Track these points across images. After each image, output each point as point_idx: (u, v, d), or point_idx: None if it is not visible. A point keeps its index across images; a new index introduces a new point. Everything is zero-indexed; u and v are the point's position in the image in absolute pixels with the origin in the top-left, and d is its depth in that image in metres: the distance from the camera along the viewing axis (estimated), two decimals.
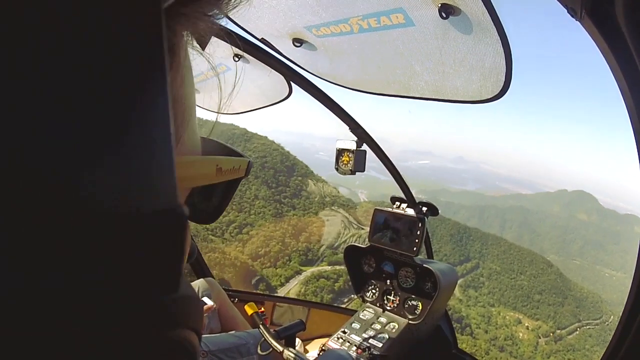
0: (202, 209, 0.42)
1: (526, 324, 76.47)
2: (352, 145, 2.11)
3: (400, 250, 2.44)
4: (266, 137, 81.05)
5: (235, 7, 0.35)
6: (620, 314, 1.18)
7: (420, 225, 2.36)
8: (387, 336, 2.32)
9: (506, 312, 76.97)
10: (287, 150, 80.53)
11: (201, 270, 2.89)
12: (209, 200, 0.41)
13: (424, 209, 2.44)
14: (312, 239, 69.79)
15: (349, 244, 2.78)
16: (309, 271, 63.45)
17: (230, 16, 1.45)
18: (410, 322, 2.39)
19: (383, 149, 2.26)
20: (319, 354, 2.25)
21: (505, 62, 1.18)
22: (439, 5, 1.05)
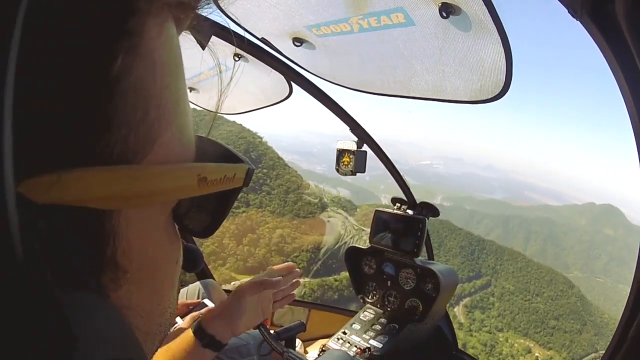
0: (194, 222, 0.35)
1: (536, 354, 66.62)
2: (353, 146, 2.11)
3: (400, 251, 2.44)
4: (240, 125, 69.76)
5: None
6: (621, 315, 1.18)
7: (420, 226, 2.36)
8: (387, 337, 2.31)
9: (515, 339, 67.85)
10: (259, 140, 69.63)
11: (202, 272, 2.89)
12: (201, 214, 0.34)
13: (424, 210, 2.44)
14: (261, 242, 59.00)
15: (351, 245, 2.78)
16: (241, 281, 49.54)
17: (230, 15, 1.46)
18: (410, 323, 2.38)
19: (384, 150, 2.26)
20: (319, 355, 2.24)
21: (506, 62, 1.18)
22: (440, 4, 1.05)
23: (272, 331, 1.87)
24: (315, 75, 1.79)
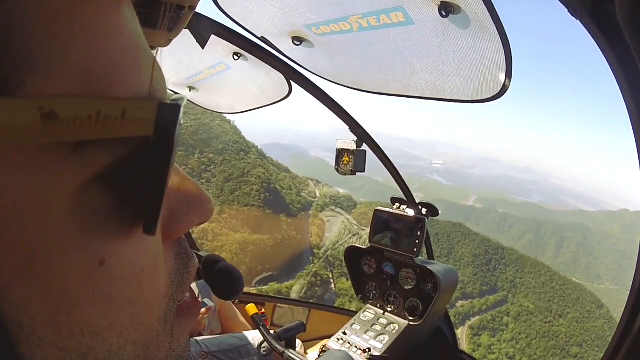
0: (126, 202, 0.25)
1: None
2: (352, 146, 2.11)
3: (400, 251, 2.43)
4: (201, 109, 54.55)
5: None
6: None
7: (420, 226, 2.36)
8: (387, 337, 2.30)
9: None
10: (218, 122, 59.90)
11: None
12: (129, 187, 0.25)
13: (424, 210, 2.43)
14: (205, 245, 47.41)
15: (350, 244, 2.78)
16: None
17: (230, 14, 1.46)
18: (410, 323, 2.38)
19: (382, 148, 2.26)
20: (319, 355, 2.24)
21: (505, 61, 1.17)
22: (439, 3, 1.05)
23: (272, 332, 1.88)
24: (315, 75, 1.79)
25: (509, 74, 1.23)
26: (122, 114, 0.22)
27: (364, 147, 2.16)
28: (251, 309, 2.03)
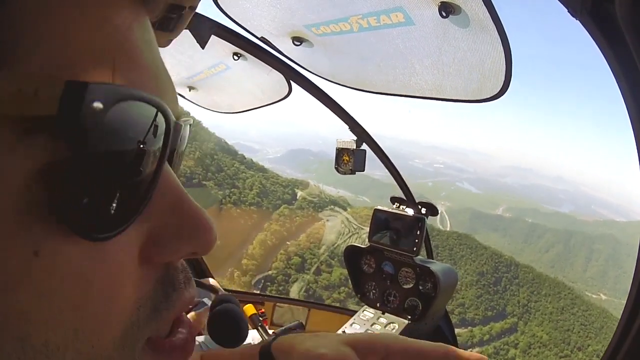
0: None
1: None
2: (352, 145, 2.11)
3: (400, 250, 2.43)
4: None
5: None
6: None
7: (420, 225, 2.36)
8: None
9: None
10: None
11: (201, 271, 2.89)
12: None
13: (423, 209, 2.43)
14: None
15: (349, 243, 2.78)
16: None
17: (230, 14, 1.46)
18: (410, 322, 2.38)
19: (382, 148, 2.26)
20: None
21: (505, 61, 1.18)
22: (439, 4, 1.05)
23: (270, 331, 1.88)
24: (315, 75, 1.79)
25: (508, 74, 1.23)
26: (35, 91, 0.20)
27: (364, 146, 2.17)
28: (249, 309, 2.03)
